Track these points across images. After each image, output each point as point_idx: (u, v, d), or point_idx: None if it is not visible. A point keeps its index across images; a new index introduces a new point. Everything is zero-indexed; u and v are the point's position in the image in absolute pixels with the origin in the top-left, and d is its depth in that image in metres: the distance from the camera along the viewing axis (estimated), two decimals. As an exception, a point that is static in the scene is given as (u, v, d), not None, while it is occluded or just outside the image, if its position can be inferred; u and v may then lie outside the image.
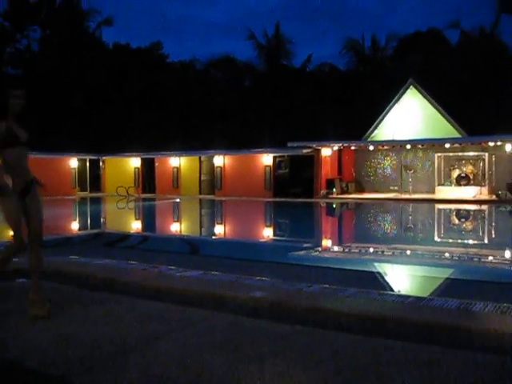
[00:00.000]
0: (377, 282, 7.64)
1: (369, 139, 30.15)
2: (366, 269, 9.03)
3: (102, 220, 21.23)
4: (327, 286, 5.50)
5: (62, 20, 42.90)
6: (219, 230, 17.29)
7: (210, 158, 31.77)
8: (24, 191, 4.73)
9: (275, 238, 15.28)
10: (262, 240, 14.32)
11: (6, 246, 4.88)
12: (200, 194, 31.69)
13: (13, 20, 44.04)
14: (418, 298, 5.03)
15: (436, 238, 14.49)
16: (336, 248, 12.55)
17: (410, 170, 27.87)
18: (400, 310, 4.49)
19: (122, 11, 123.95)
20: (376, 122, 30.22)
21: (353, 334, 4.15)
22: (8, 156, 4.63)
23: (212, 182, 31.71)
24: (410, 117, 29.17)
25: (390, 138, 29.17)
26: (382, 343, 3.89)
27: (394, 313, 4.43)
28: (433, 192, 26.98)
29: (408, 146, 28.53)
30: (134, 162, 33.87)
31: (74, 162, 32.85)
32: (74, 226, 18.72)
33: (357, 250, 11.91)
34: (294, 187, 29.15)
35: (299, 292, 5.20)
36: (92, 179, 34.97)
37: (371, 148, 29.64)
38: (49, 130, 39.59)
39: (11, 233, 4.72)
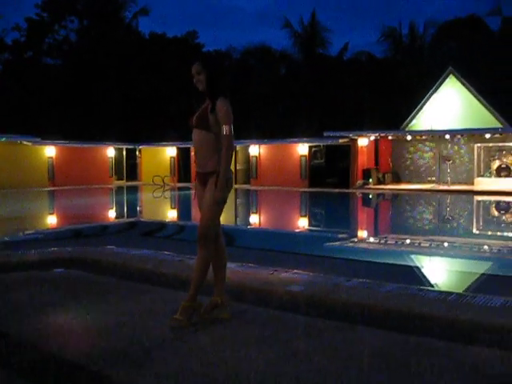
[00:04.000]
0: (415, 276, 7.49)
1: (406, 129, 29.71)
2: (404, 262, 8.87)
3: (138, 209, 21.41)
4: (366, 280, 5.39)
5: (99, 10, 43.30)
6: (255, 219, 17.25)
7: (246, 148, 31.75)
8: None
9: (311, 228, 15.18)
10: (298, 230, 14.24)
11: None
12: (235, 183, 31.72)
13: (51, 11, 44.67)
14: (460, 295, 4.89)
15: (475, 231, 14.19)
16: (373, 239, 12.38)
17: (449, 161, 27.35)
18: (442, 308, 4.36)
19: (158, 0, 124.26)
20: (414, 112, 29.75)
21: (392, 331, 4.06)
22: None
23: (247, 171, 31.73)
24: (449, 106, 28.61)
25: (428, 127, 28.67)
26: (422, 342, 3.79)
27: (435, 311, 4.31)
28: (472, 183, 26.41)
29: (447, 136, 28.01)
30: (170, 152, 34.06)
31: (110, 151, 33.19)
32: (111, 214, 18.90)
33: (393, 242, 11.73)
34: (329, 177, 28.97)
35: (337, 286, 5.11)
36: (128, 168, 35.35)
37: (409, 138, 29.19)
38: (86, 120, 40.13)
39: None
